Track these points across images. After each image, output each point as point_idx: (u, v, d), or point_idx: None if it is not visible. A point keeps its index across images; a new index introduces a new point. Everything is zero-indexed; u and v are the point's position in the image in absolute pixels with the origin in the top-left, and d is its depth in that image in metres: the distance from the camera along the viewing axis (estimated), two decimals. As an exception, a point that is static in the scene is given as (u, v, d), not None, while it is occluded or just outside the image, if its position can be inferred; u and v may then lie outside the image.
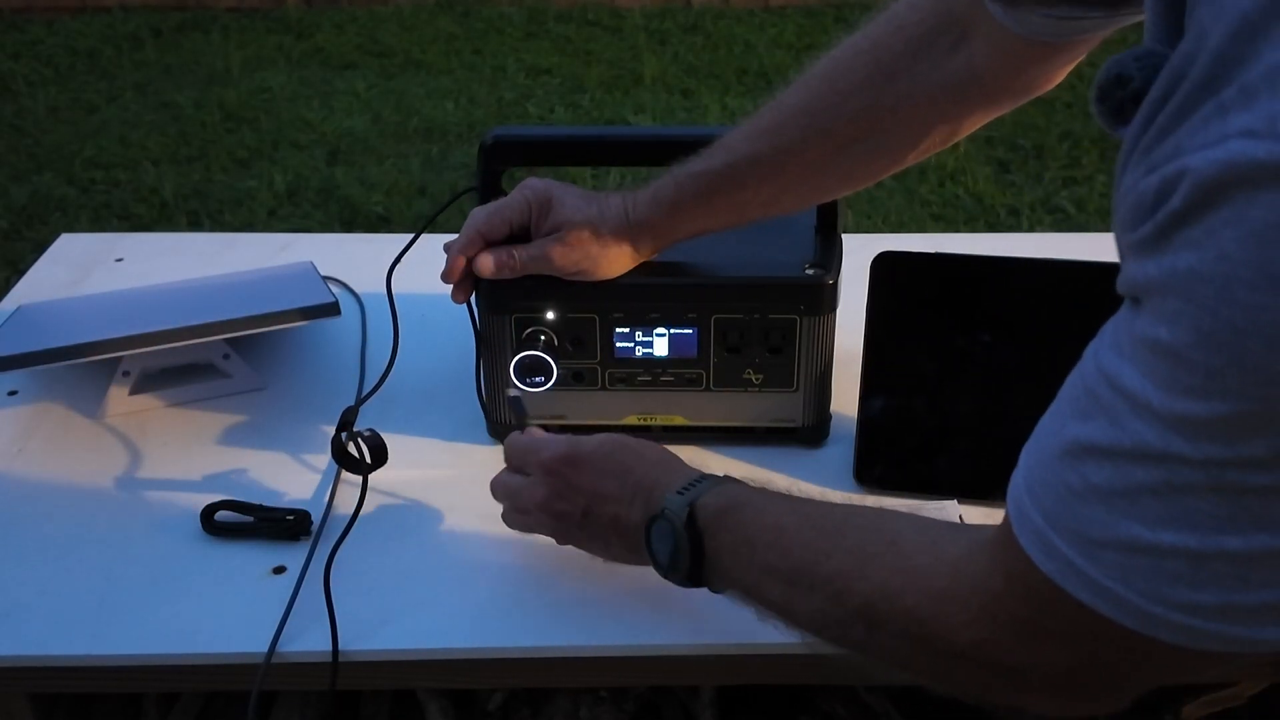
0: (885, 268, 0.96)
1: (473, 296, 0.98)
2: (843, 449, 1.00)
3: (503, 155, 1.01)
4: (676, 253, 0.97)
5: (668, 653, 0.84)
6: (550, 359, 0.97)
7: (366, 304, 1.23)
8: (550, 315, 0.97)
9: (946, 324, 0.95)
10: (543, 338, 0.97)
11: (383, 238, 1.47)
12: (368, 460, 0.92)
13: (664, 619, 0.84)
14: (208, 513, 0.93)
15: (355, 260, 1.28)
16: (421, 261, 1.01)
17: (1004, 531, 0.57)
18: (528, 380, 0.98)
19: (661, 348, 0.98)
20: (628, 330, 0.97)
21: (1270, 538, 0.47)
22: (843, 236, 1.01)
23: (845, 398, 1.01)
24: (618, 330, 0.97)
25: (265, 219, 3.06)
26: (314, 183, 3.21)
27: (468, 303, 0.98)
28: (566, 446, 0.83)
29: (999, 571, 0.58)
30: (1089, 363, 0.53)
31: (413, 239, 1.04)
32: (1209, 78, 0.44)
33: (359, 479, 0.93)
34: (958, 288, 0.95)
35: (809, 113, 0.88)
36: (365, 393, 1.05)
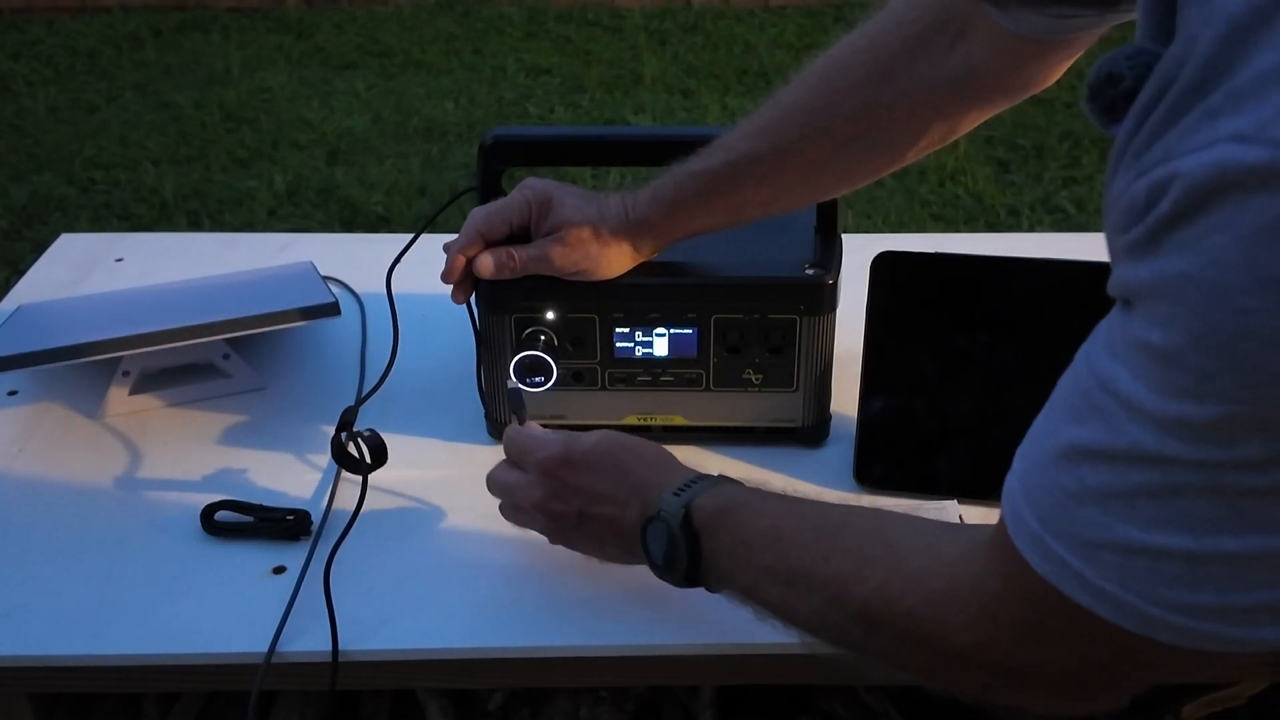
0: (885, 268, 0.96)
1: (473, 296, 0.98)
2: (843, 449, 1.00)
3: (503, 155, 1.01)
4: (676, 253, 0.97)
5: (668, 653, 0.84)
6: (550, 359, 0.97)
7: (366, 304, 1.23)
8: (550, 315, 0.97)
9: (946, 324, 0.95)
10: (543, 338, 0.97)
11: (383, 238, 1.47)
12: (368, 460, 0.92)
13: (664, 619, 0.84)
14: (208, 513, 0.93)
15: (355, 260, 1.28)
16: (421, 261, 1.01)
17: (1000, 533, 0.57)
18: (528, 380, 0.98)
19: (661, 348, 0.98)
20: (628, 330, 0.97)
21: (1266, 538, 0.47)
22: (843, 236, 1.01)
23: (845, 398, 1.01)
24: (618, 330, 0.97)
25: (265, 219, 3.06)
26: (314, 183, 3.21)
27: (468, 303, 0.98)
28: (563, 447, 0.83)
29: (996, 573, 0.58)
30: (1082, 365, 0.53)
31: (413, 239, 1.04)
32: (1198, 81, 0.44)
33: (359, 479, 0.93)
34: (958, 288, 0.95)
35: (807, 111, 0.88)
36: (365, 393, 1.05)
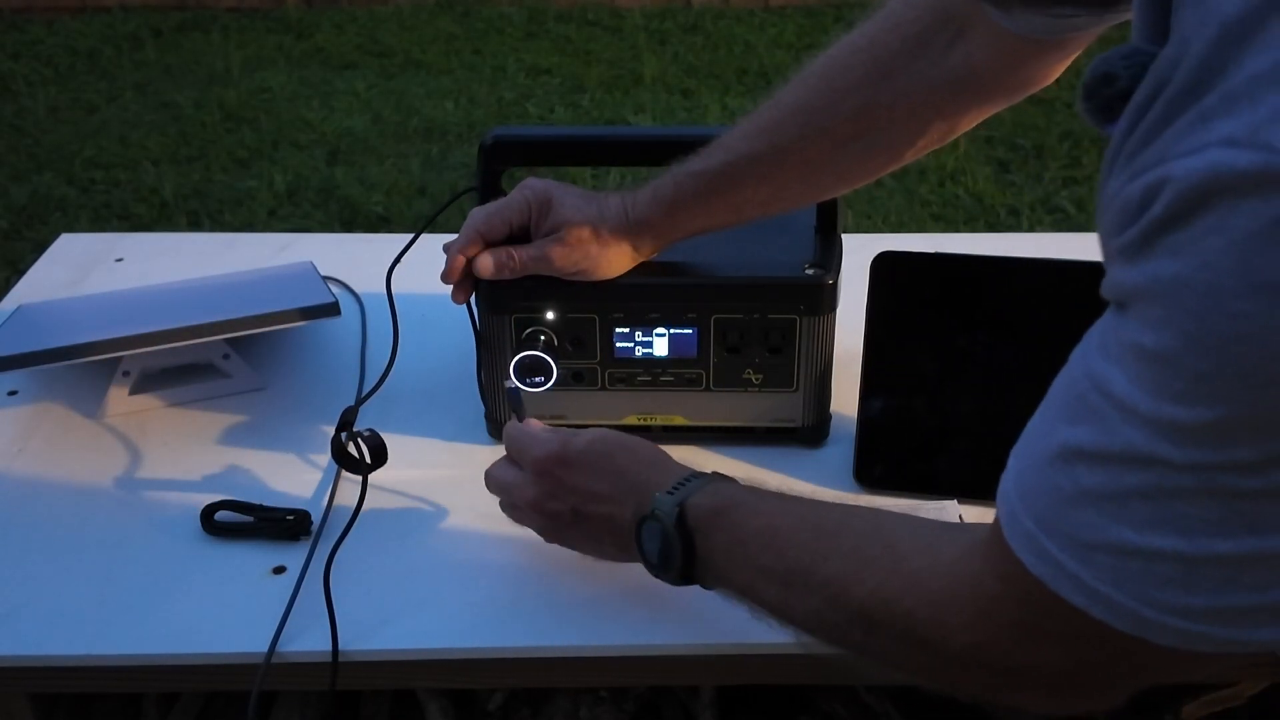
0: (885, 268, 0.96)
1: (473, 296, 0.98)
2: (843, 449, 1.00)
3: (503, 155, 1.01)
4: (676, 253, 0.97)
5: (668, 653, 0.84)
6: (550, 359, 0.97)
7: (366, 304, 1.23)
8: (550, 315, 0.97)
9: (946, 324, 0.95)
10: (543, 338, 0.97)
11: (383, 238, 1.47)
12: (368, 460, 0.92)
13: (664, 619, 0.84)
14: (208, 513, 0.93)
15: (355, 260, 1.28)
16: (421, 261, 1.01)
17: (995, 534, 0.57)
18: (528, 380, 0.98)
19: (661, 348, 0.98)
20: (628, 330, 0.97)
21: (1260, 541, 0.47)
22: (843, 236, 1.01)
23: (845, 398, 1.01)
24: (618, 330, 0.97)
25: (265, 219, 3.06)
26: (314, 183, 3.21)
27: (468, 303, 0.98)
28: (558, 446, 0.83)
29: (993, 574, 0.58)
30: (1076, 366, 0.53)
31: (413, 239, 1.04)
32: (1191, 84, 0.44)
33: (359, 479, 0.93)
34: (958, 288, 0.95)
35: (807, 111, 0.88)
36: (365, 393, 1.05)
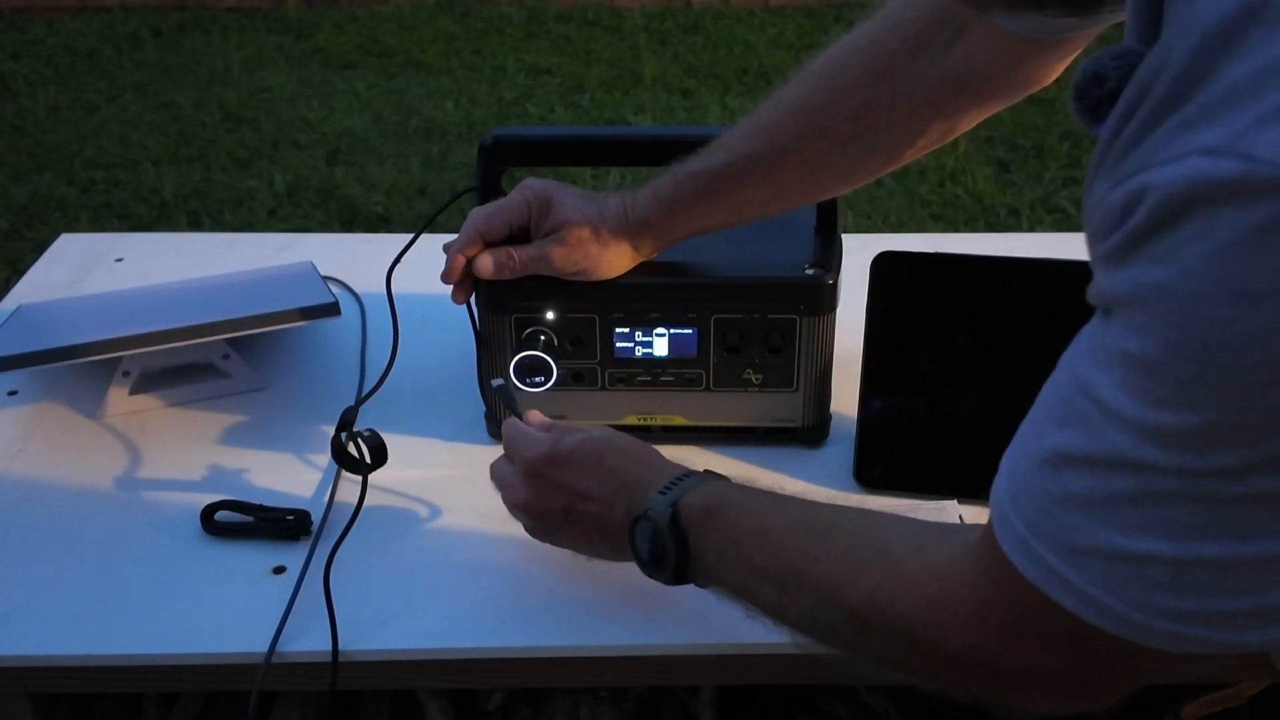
0: (885, 268, 0.96)
1: (473, 296, 0.98)
2: (843, 449, 1.00)
3: (503, 155, 1.01)
4: (676, 253, 0.97)
5: (668, 653, 0.84)
6: (550, 359, 0.97)
7: (366, 304, 1.23)
8: (550, 315, 0.97)
9: (946, 324, 0.95)
10: (543, 338, 0.97)
11: (383, 238, 1.47)
12: (368, 460, 0.92)
13: (664, 619, 0.84)
14: (208, 513, 0.93)
15: (355, 260, 1.28)
16: (421, 261, 1.01)
17: (988, 537, 0.57)
18: (528, 380, 0.98)
19: (661, 348, 0.98)
20: (628, 330, 0.97)
21: (1244, 545, 0.47)
22: (843, 236, 1.01)
23: (845, 398, 1.01)
24: (618, 330, 0.97)
25: (265, 219, 3.06)
26: (314, 183, 3.21)
27: (468, 303, 0.98)
28: (549, 445, 0.83)
29: (986, 577, 0.58)
30: (1065, 371, 0.53)
31: (413, 239, 1.04)
32: (1173, 92, 0.44)
33: (359, 479, 0.93)
34: (958, 288, 0.95)
35: (806, 110, 0.88)
36: (365, 393, 1.05)
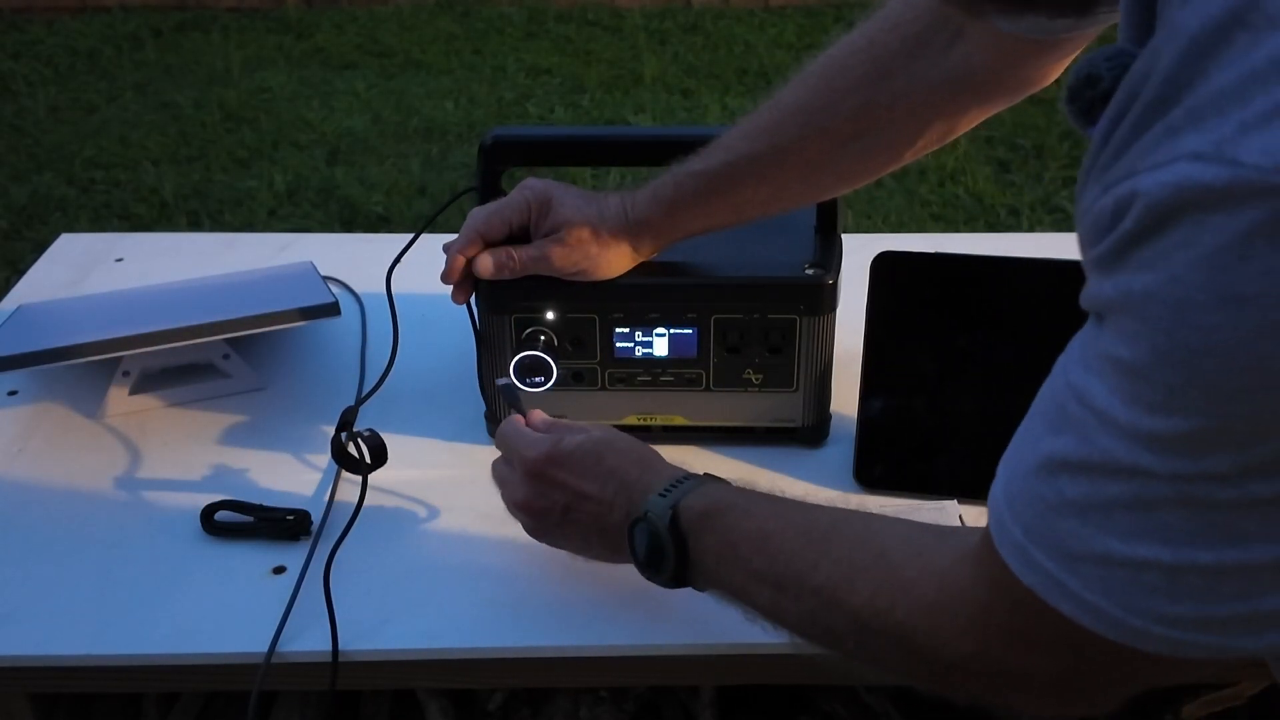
0: (885, 268, 0.96)
1: (473, 296, 0.98)
2: (843, 449, 1.00)
3: (503, 155, 1.01)
4: (676, 253, 0.97)
5: (668, 653, 0.84)
6: (550, 359, 0.97)
7: (366, 304, 1.23)
8: (550, 315, 0.97)
9: (946, 324, 0.95)
10: (543, 338, 0.97)
11: (383, 238, 1.48)
12: (368, 460, 0.92)
13: (664, 619, 0.84)
14: (208, 513, 0.93)
15: (355, 260, 1.28)
16: (421, 261, 1.01)
17: (985, 543, 0.57)
18: (528, 380, 0.98)
19: (661, 348, 0.98)
20: (628, 330, 0.97)
21: (1238, 552, 0.47)
22: (843, 236, 1.01)
23: (845, 398, 1.01)
24: (618, 330, 0.97)
25: (265, 219, 3.06)
26: (314, 183, 3.21)
27: (468, 303, 0.98)
28: (549, 446, 0.82)
29: (984, 583, 0.58)
30: (1059, 377, 0.53)
31: (413, 239, 1.04)
32: (1160, 97, 0.44)
33: (359, 479, 0.93)
34: (958, 288, 0.95)
35: (806, 111, 0.88)
36: (365, 393, 1.05)
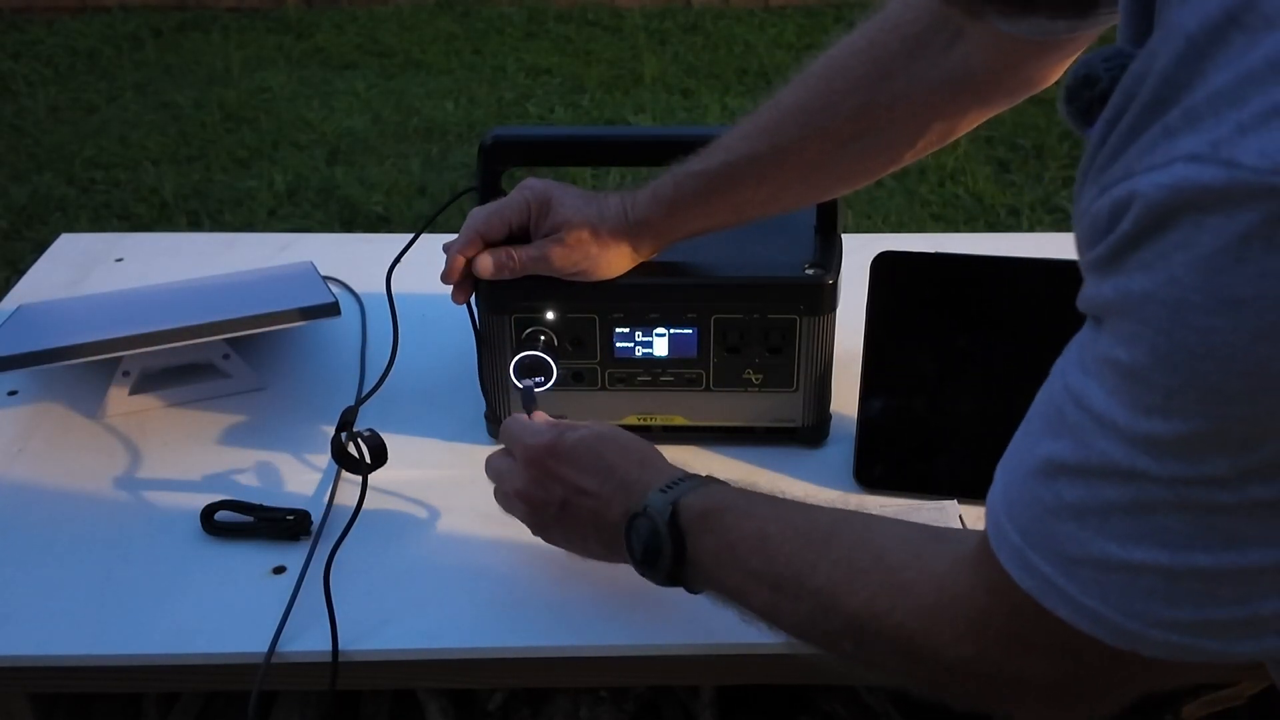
0: (885, 268, 0.96)
1: (473, 296, 0.98)
2: (843, 449, 1.00)
3: (503, 155, 1.01)
4: (676, 253, 0.97)
5: (668, 653, 0.84)
6: (550, 359, 0.97)
7: (366, 304, 1.23)
8: (550, 315, 0.97)
9: (946, 324, 0.95)
10: (543, 338, 0.97)
11: (383, 238, 1.47)
12: (368, 460, 0.92)
13: (664, 619, 0.84)
14: (208, 513, 0.93)
15: (355, 260, 1.28)
16: (421, 261, 1.01)
17: (983, 547, 0.57)
18: (523, 380, 0.98)
19: (661, 348, 0.98)
20: (628, 330, 0.97)
21: (1237, 555, 0.47)
22: (843, 236, 1.01)
23: (845, 398, 1.01)
24: (618, 330, 0.97)
25: (265, 219, 3.06)
26: (314, 183, 3.21)
27: (468, 303, 0.98)
28: (551, 437, 0.83)
29: (983, 588, 0.58)
30: (1057, 380, 0.53)
31: (413, 239, 1.04)
32: (1158, 98, 0.44)
33: (359, 479, 0.93)
34: (958, 288, 0.95)
35: (806, 111, 0.88)
36: (365, 393, 1.05)
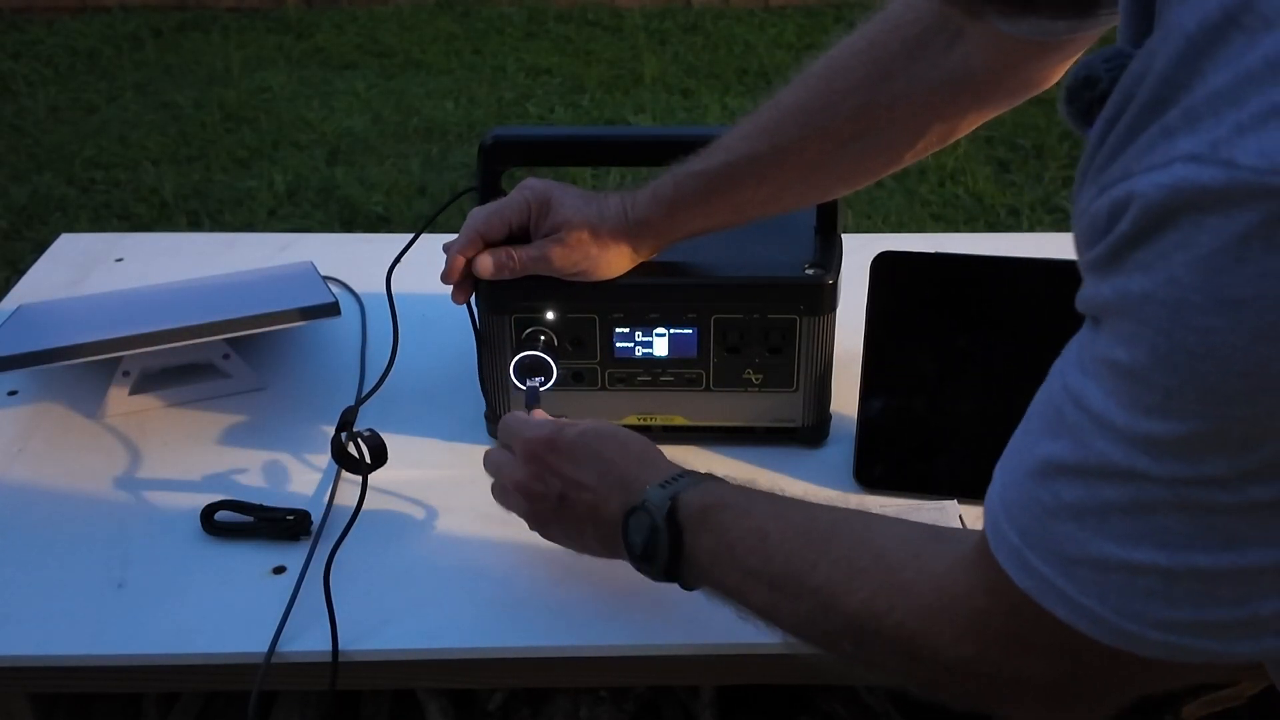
0: (885, 268, 0.96)
1: (473, 296, 0.98)
2: (843, 449, 1.00)
3: (503, 155, 1.01)
4: (676, 253, 0.97)
5: (668, 653, 0.84)
6: (550, 359, 0.97)
7: (366, 304, 1.23)
8: (550, 315, 0.97)
9: (946, 324, 0.95)
10: (543, 338, 0.97)
11: (383, 238, 1.47)
12: (368, 460, 0.92)
13: (664, 619, 0.84)
14: (208, 513, 0.93)
15: (355, 260, 1.28)
16: (421, 261, 1.01)
17: (982, 548, 0.57)
18: (528, 380, 0.98)
19: (661, 348, 0.98)
20: (628, 330, 0.97)
21: (1236, 556, 0.47)
22: (843, 236, 1.01)
23: (845, 398, 1.01)
24: (618, 330, 0.97)
25: (265, 219, 3.06)
26: (314, 183, 3.21)
27: (468, 303, 0.98)
28: (549, 431, 0.83)
29: (982, 588, 0.58)
30: (1055, 380, 0.53)
31: (413, 239, 1.04)
32: (1156, 98, 0.44)
33: (359, 479, 0.93)
34: (958, 288, 0.95)
35: (807, 111, 0.88)
36: (365, 393, 1.05)
